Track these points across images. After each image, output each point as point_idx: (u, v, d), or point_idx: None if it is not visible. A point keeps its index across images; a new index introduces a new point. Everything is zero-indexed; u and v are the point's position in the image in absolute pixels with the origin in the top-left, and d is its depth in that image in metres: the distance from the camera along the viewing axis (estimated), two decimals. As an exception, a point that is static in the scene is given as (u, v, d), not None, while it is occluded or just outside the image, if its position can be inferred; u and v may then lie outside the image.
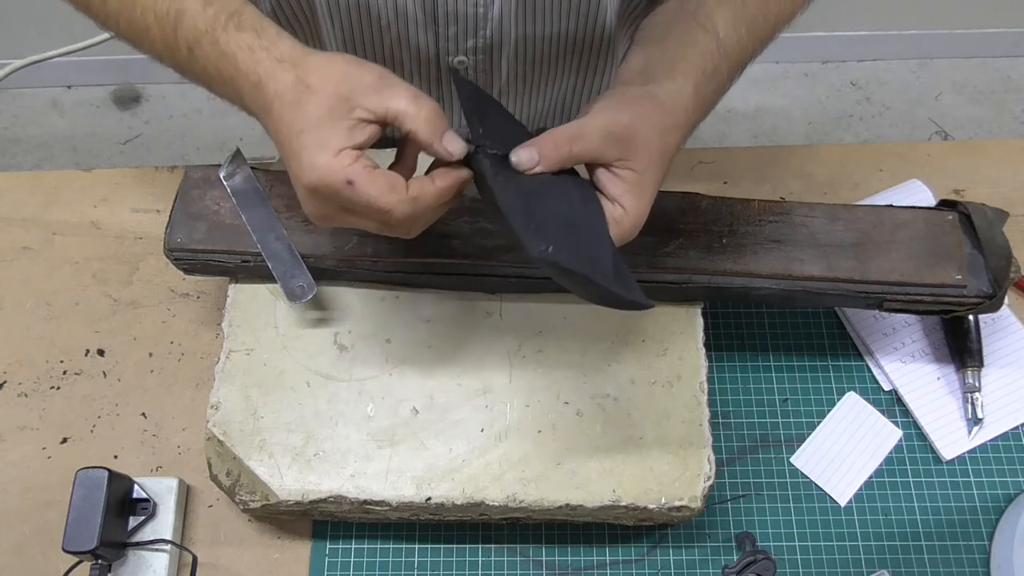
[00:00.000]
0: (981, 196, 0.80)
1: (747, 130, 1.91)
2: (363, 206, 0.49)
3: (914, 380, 0.74)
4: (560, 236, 0.50)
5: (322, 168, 0.48)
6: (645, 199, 0.54)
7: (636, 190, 0.53)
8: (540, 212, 0.51)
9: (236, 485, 0.62)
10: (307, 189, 0.50)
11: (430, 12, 0.66)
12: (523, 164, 0.52)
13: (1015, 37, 1.98)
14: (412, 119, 0.50)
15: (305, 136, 0.49)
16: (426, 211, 0.52)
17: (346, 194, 0.49)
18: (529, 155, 0.52)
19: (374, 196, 0.49)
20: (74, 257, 0.79)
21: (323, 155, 0.48)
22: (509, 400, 0.65)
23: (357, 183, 0.48)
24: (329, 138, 0.49)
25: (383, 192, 0.49)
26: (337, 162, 0.48)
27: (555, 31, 0.70)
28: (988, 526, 0.70)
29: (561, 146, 0.53)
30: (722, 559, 0.68)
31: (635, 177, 0.53)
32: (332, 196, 0.49)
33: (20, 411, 0.73)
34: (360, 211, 0.50)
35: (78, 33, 1.60)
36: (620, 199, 0.53)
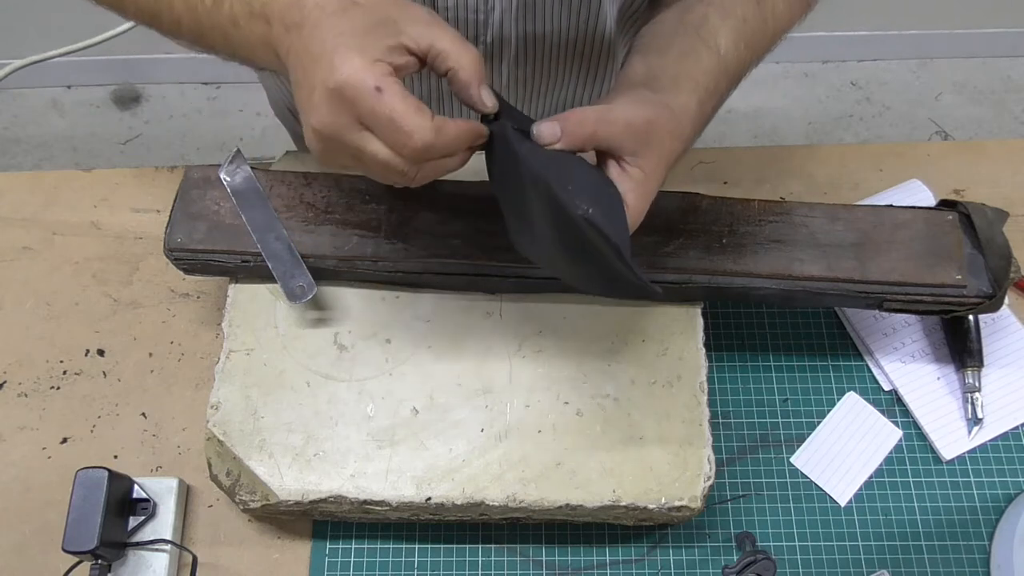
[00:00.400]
0: (981, 196, 0.80)
1: (747, 130, 1.91)
2: (384, 121, 0.46)
3: (914, 380, 0.74)
4: (594, 203, 0.49)
5: (354, 69, 0.45)
6: (646, 201, 0.54)
7: (641, 189, 0.53)
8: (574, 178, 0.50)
9: (236, 485, 0.62)
10: (329, 90, 0.46)
11: None
12: (544, 137, 0.51)
13: (1015, 37, 1.98)
14: (456, 59, 0.48)
15: (343, 38, 0.46)
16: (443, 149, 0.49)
17: (370, 103, 0.46)
18: (551, 129, 0.51)
19: (400, 111, 0.46)
20: (74, 257, 0.79)
21: (358, 58, 0.46)
22: (509, 400, 0.65)
23: (386, 91, 0.46)
24: (368, 46, 0.46)
25: (410, 110, 0.46)
26: (373, 67, 0.46)
27: (555, 36, 0.70)
28: (988, 526, 0.70)
29: (586, 125, 0.51)
30: (722, 559, 0.68)
31: (642, 176, 0.53)
32: (353, 103, 0.46)
33: (20, 411, 0.73)
34: (379, 127, 0.47)
35: (78, 33, 1.60)
36: (625, 196, 0.53)
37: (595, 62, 0.75)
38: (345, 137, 0.48)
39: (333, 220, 0.67)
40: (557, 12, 0.67)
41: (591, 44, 0.72)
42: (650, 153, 0.53)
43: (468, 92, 0.49)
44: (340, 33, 0.47)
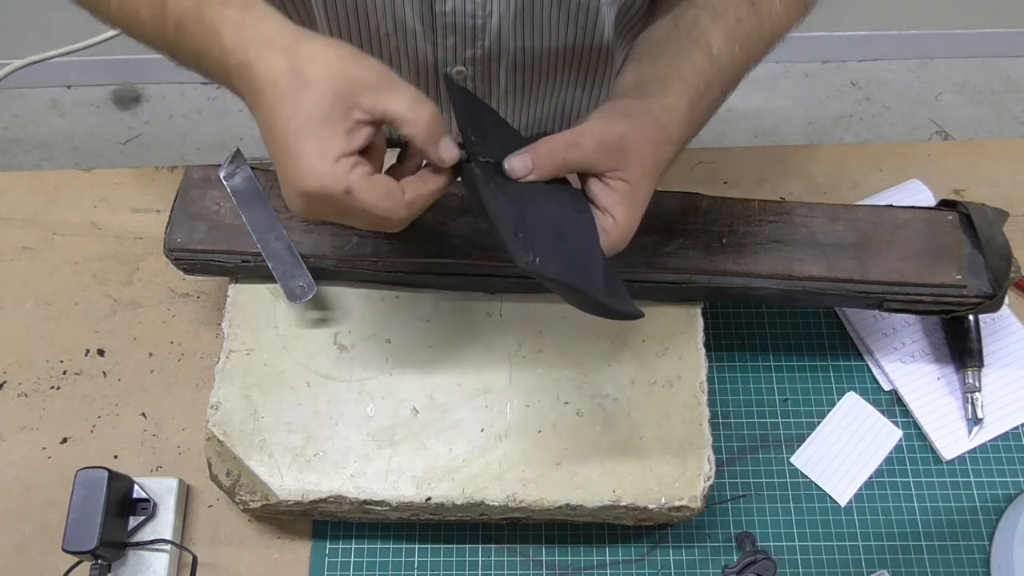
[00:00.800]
0: (981, 196, 0.80)
1: (747, 130, 1.91)
2: (359, 212, 0.49)
3: (914, 380, 0.74)
4: (548, 246, 0.50)
5: (321, 175, 0.47)
6: (636, 211, 0.54)
7: (628, 201, 0.53)
8: (530, 221, 0.51)
9: (236, 485, 0.62)
10: (300, 194, 0.49)
11: (428, 22, 0.66)
12: (516, 172, 0.52)
13: (1015, 37, 1.98)
14: (411, 124, 0.49)
15: (302, 139, 0.48)
16: (419, 213, 0.52)
17: (344, 201, 0.48)
18: (523, 162, 0.52)
19: (371, 204, 0.48)
20: (74, 257, 0.79)
21: (322, 162, 0.47)
22: (509, 400, 0.65)
23: (356, 192, 0.48)
24: (327, 144, 0.48)
25: (380, 199, 0.49)
26: (337, 169, 0.47)
27: (553, 41, 0.70)
28: (988, 526, 0.70)
29: (555, 153, 0.52)
30: (722, 559, 0.68)
31: (627, 188, 0.53)
32: (328, 202, 0.49)
33: (20, 411, 0.73)
34: (355, 216, 0.50)
35: (78, 33, 1.60)
36: (611, 209, 0.53)
37: (593, 68, 0.75)
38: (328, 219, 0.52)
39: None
40: (555, 18, 0.67)
41: (589, 50, 0.72)
42: (631, 165, 0.53)
43: (427, 154, 0.51)
44: (297, 131, 0.47)
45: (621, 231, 0.53)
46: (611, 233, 0.53)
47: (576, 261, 0.51)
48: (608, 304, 0.51)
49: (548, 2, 0.65)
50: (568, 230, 0.52)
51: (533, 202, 0.52)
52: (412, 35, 0.67)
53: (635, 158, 0.53)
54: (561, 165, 0.53)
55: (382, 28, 0.67)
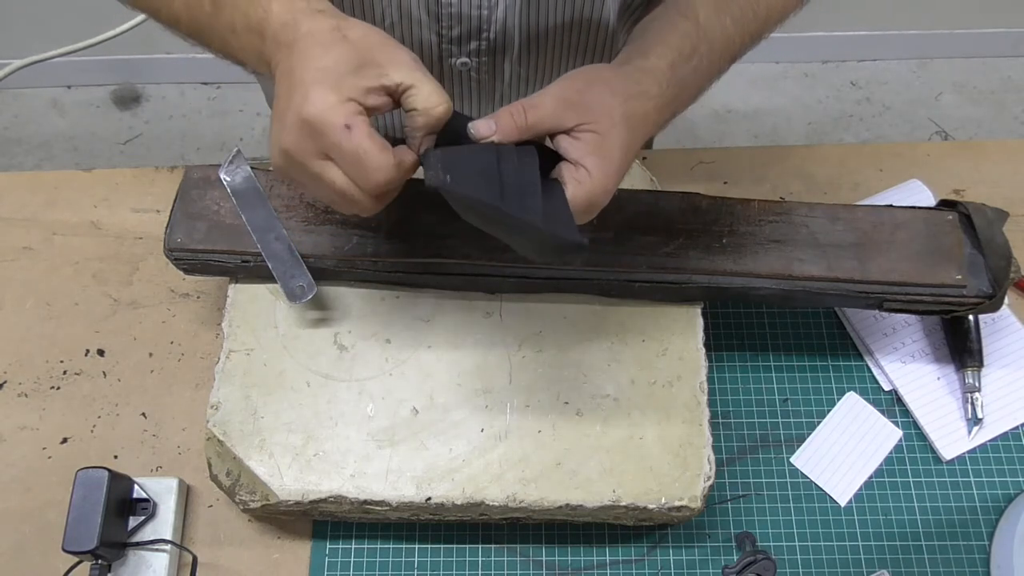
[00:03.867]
0: (981, 196, 0.80)
1: (747, 130, 1.91)
2: (349, 156, 0.48)
3: (914, 380, 0.74)
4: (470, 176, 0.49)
5: (327, 105, 0.48)
6: (611, 161, 0.53)
7: (598, 151, 0.52)
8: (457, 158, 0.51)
9: (236, 485, 0.62)
10: (300, 119, 0.48)
11: (434, 14, 0.66)
12: (480, 132, 0.52)
13: (1015, 37, 1.98)
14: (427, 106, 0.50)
15: (324, 72, 0.48)
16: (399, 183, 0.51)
17: (337, 137, 0.48)
18: (487, 124, 0.52)
19: (366, 148, 0.48)
20: (74, 257, 0.79)
21: (332, 95, 0.48)
22: (509, 400, 0.65)
23: (355, 129, 0.48)
24: (345, 85, 0.48)
25: (375, 148, 0.48)
26: (344, 107, 0.48)
27: (558, 31, 0.70)
28: (988, 526, 0.70)
29: (516, 115, 0.52)
30: (722, 559, 0.68)
31: (596, 139, 0.52)
32: (321, 135, 0.48)
33: (20, 411, 0.73)
34: (344, 161, 0.49)
35: (78, 33, 1.60)
36: (582, 161, 0.52)
37: (597, 57, 0.75)
38: (308, 163, 0.50)
39: (333, 220, 0.67)
40: (560, 7, 0.67)
41: (593, 40, 0.72)
42: (596, 115, 0.53)
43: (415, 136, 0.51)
44: (323, 68, 0.49)
45: (595, 181, 0.52)
46: (584, 183, 0.52)
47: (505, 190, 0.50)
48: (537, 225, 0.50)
49: None
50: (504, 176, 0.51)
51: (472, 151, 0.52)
52: (417, 25, 0.67)
53: (601, 109, 0.53)
54: (523, 126, 0.53)
55: (387, 18, 0.67)
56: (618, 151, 0.53)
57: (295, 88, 0.49)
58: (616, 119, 0.53)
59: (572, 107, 0.53)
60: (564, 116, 0.53)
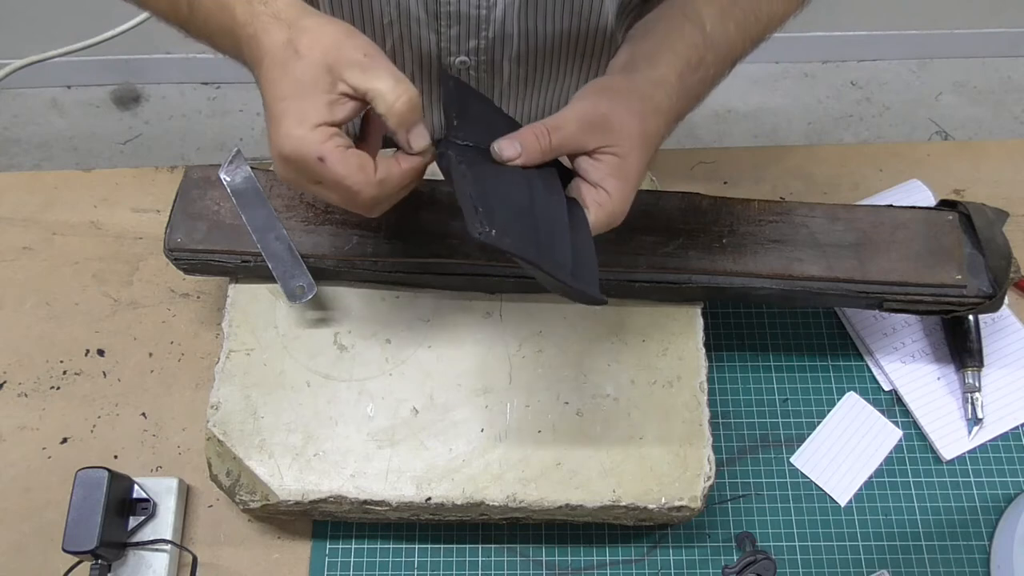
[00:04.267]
0: (981, 196, 0.80)
1: (747, 130, 1.91)
2: (331, 182, 0.50)
3: (914, 380, 0.74)
4: (509, 222, 0.50)
5: (297, 140, 0.49)
6: (629, 183, 0.54)
7: (619, 173, 0.53)
8: (494, 198, 0.51)
9: (236, 485, 0.62)
10: (281, 156, 0.50)
11: (433, 12, 0.66)
12: (504, 155, 0.53)
13: (1015, 37, 1.98)
14: (387, 105, 0.50)
15: (287, 103, 0.49)
16: (391, 193, 0.52)
17: (316, 169, 0.49)
18: (511, 146, 0.53)
19: (342, 175, 0.49)
20: (74, 257, 0.79)
21: (300, 128, 0.49)
22: (509, 400, 0.65)
23: (328, 161, 0.49)
24: (308, 111, 0.49)
25: (352, 172, 0.49)
26: (313, 136, 0.49)
27: (556, 30, 0.70)
28: (988, 526, 0.70)
29: (541, 137, 0.53)
30: (722, 559, 0.68)
31: (617, 161, 0.53)
32: (303, 168, 0.50)
33: (20, 411, 0.73)
34: (328, 186, 0.50)
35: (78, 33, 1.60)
36: (602, 183, 0.53)
37: (596, 56, 0.75)
38: (304, 187, 0.52)
39: (333, 220, 0.67)
40: (559, 7, 0.67)
41: (592, 38, 0.72)
42: (617, 138, 0.53)
43: (398, 138, 0.52)
44: (283, 98, 0.49)
45: (615, 203, 0.53)
46: (605, 206, 0.53)
47: (539, 239, 0.51)
48: (567, 283, 0.51)
49: None
50: (538, 211, 0.52)
51: (505, 183, 0.52)
52: (416, 23, 0.67)
53: (621, 131, 0.53)
54: (547, 148, 0.53)
55: (385, 16, 0.67)
56: (635, 172, 0.54)
57: (270, 123, 0.50)
58: (636, 141, 0.54)
59: (595, 129, 0.53)
60: (587, 139, 0.53)
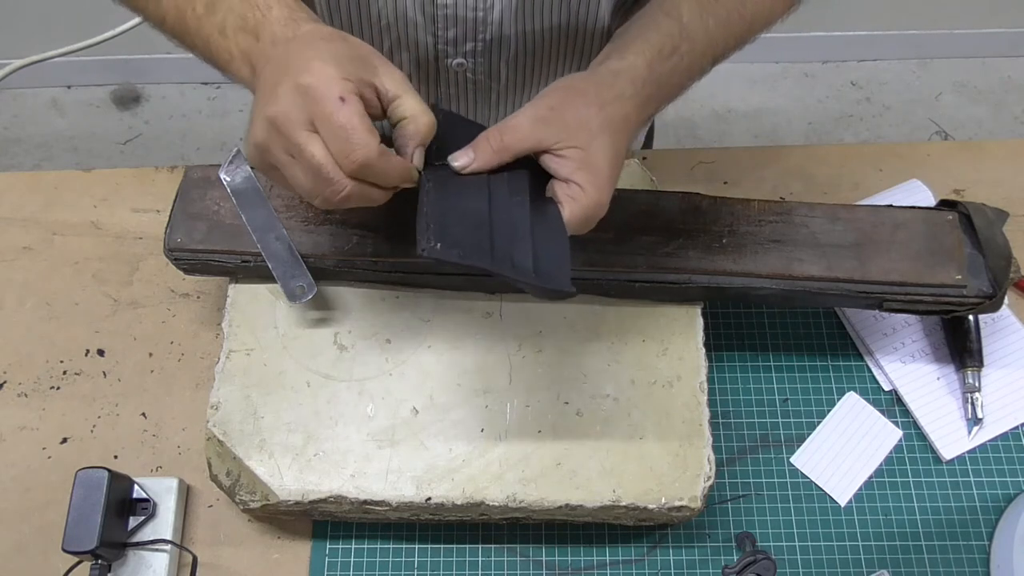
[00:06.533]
0: (981, 196, 0.80)
1: (747, 130, 1.91)
2: (337, 128, 0.47)
3: (914, 380, 0.74)
4: (463, 234, 0.51)
5: (327, 76, 0.48)
6: (599, 173, 0.53)
7: (585, 165, 0.53)
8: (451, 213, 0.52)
9: (236, 485, 0.62)
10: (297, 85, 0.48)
11: (430, 15, 0.67)
12: (459, 163, 0.53)
13: (1015, 37, 1.98)
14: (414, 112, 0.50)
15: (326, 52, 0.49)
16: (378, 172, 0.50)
17: (330, 107, 0.47)
18: (464, 154, 0.53)
19: (355, 124, 0.47)
20: (74, 257, 0.79)
21: (333, 69, 0.48)
22: (509, 400, 0.65)
23: (348, 103, 0.47)
24: (346, 65, 0.49)
25: (364, 126, 0.48)
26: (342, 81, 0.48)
27: (553, 32, 0.70)
28: (988, 526, 0.70)
29: (492, 140, 0.53)
30: (722, 559, 0.68)
31: (580, 154, 0.53)
32: (314, 102, 0.48)
33: (20, 411, 0.73)
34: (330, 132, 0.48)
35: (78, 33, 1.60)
36: (572, 177, 0.53)
37: (592, 57, 0.75)
38: (292, 133, 0.48)
39: (333, 220, 0.67)
40: (554, 9, 0.67)
41: (587, 39, 0.72)
42: (574, 130, 0.53)
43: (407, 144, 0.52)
44: (325, 51, 0.49)
45: (590, 195, 0.52)
46: (578, 199, 0.53)
47: (495, 246, 0.51)
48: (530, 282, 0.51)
49: None
50: (496, 218, 0.52)
51: (465, 196, 0.53)
52: (413, 26, 0.67)
53: (577, 123, 0.53)
54: (501, 150, 0.53)
55: (383, 18, 0.67)
56: (604, 161, 0.53)
57: (293, 64, 0.49)
58: (595, 130, 0.53)
59: (548, 125, 0.53)
60: (542, 135, 0.53)
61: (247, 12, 0.53)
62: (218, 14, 0.54)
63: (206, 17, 0.55)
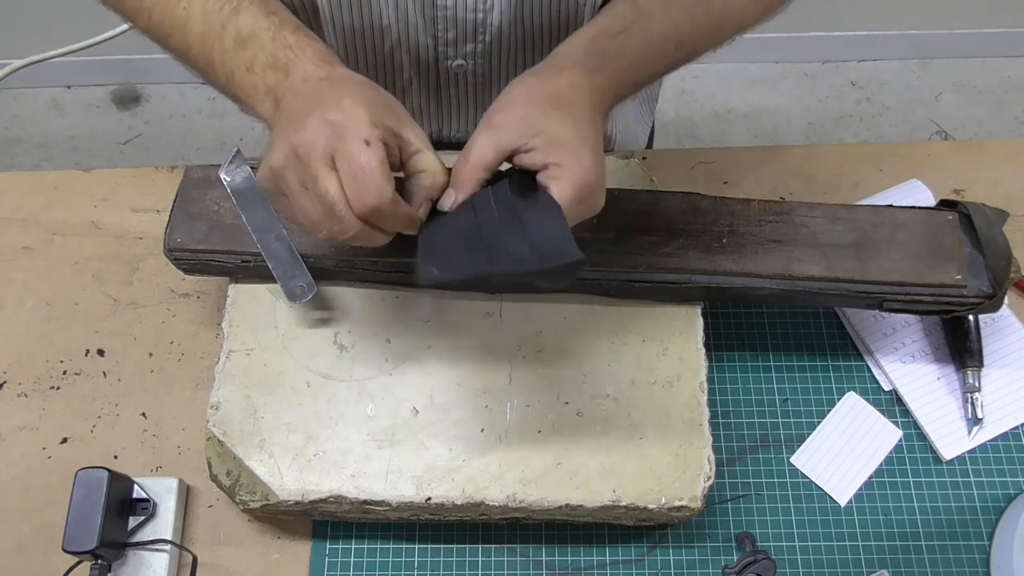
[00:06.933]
0: (981, 196, 0.80)
1: (747, 130, 1.91)
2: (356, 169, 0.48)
3: (914, 380, 0.74)
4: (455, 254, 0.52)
5: (357, 116, 0.48)
6: (570, 144, 0.52)
7: (552, 143, 0.52)
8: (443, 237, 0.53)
9: (236, 485, 0.62)
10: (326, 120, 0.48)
11: (430, 16, 0.67)
12: (448, 205, 0.54)
13: (1015, 37, 1.98)
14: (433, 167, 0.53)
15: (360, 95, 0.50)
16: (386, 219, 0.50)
17: (353, 148, 0.48)
18: (448, 196, 0.54)
19: (374, 168, 0.48)
20: (74, 257, 0.79)
21: (364, 111, 0.49)
22: (509, 400, 0.65)
23: (373, 147, 0.48)
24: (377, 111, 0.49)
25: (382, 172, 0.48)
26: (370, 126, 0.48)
27: (551, 35, 0.70)
28: (988, 526, 0.70)
29: (460, 167, 0.54)
30: (722, 559, 0.68)
31: (541, 138, 0.52)
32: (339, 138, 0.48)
33: (20, 411, 0.73)
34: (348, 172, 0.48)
35: (78, 33, 1.60)
36: (546, 160, 0.52)
37: None
38: (311, 163, 0.49)
39: (333, 220, 0.67)
40: (554, 11, 0.67)
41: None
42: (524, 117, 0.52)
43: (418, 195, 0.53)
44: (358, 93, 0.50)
45: (570, 168, 0.52)
46: (561, 176, 0.52)
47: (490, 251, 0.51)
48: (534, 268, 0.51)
49: None
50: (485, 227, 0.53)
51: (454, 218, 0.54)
52: (413, 28, 0.67)
53: (524, 112, 0.53)
54: (471, 171, 0.53)
55: (384, 20, 0.67)
56: (570, 132, 0.52)
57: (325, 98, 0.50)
58: (546, 111, 0.53)
59: (500, 128, 0.53)
60: (499, 140, 0.53)
61: (279, 51, 0.54)
62: (247, 51, 0.55)
63: (234, 52, 0.55)
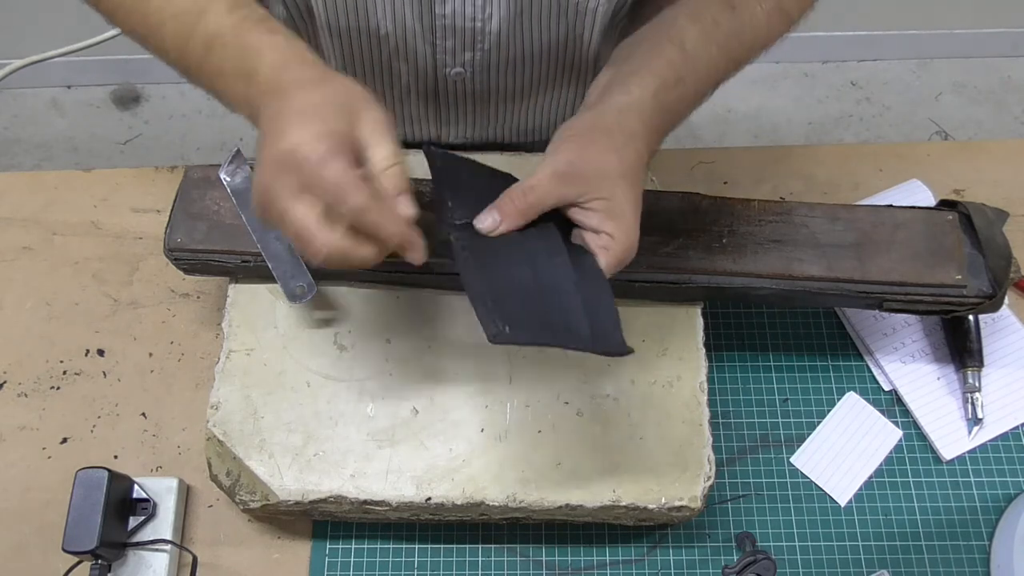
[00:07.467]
0: (981, 196, 0.80)
1: (747, 130, 1.91)
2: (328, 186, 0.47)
3: (914, 380, 0.74)
4: (520, 309, 0.52)
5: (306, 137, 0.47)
6: (626, 219, 0.55)
7: (612, 215, 0.54)
8: (501, 285, 0.53)
9: (236, 485, 0.62)
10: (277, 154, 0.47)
11: (428, 24, 0.66)
12: (485, 227, 0.54)
13: (1015, 37, 1.98)
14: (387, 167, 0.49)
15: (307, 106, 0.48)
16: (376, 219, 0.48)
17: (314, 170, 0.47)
18: (492, 218, 0.54)
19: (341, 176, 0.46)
20: (74, 257, 0.79)
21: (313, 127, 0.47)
22: (509, 400, 0.65)
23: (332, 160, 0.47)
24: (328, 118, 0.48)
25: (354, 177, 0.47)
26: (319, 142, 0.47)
27: (550, 43, 0.70)
28: (988, 526, 0.70)
29: (517, 201, 0.54)
30: (722, 559, 0.68)
31: (605, 204, 0.54)
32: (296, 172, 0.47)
33: (20, 411, 0.73)
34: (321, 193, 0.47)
35: (78, 33, 1.60)
36: (601, 227, 0.54)
37: (584, 68, 0.75)
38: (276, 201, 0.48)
39: (333, 220, 0.67)
40: (552, 20, 0.67)
41: (583, 52, 0.72)
42: (595, 183, 0.54)
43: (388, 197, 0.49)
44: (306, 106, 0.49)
45: (621, 243, 0.54)
46: (611, 249, 0.54)
47: (551, 317, 0.53)
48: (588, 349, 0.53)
49: (546, 4, 0.65)
50: (543, 281, 0.54)
51: (504, 261, 0.54)
52: (412, 36, 0.67)
53: (597, 176, 0.54)
54: (525, 209, 0.54)
55: (382, 28, 0.67)
56: (629, 207, 0.55)
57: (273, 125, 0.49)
58: (615, 178, 0.54)
59: (569, 181, 0.54)
60: (565, 191, 0.54)
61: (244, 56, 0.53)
62: (215, 56, 0.54)
63: (204, 58, 0.55)
